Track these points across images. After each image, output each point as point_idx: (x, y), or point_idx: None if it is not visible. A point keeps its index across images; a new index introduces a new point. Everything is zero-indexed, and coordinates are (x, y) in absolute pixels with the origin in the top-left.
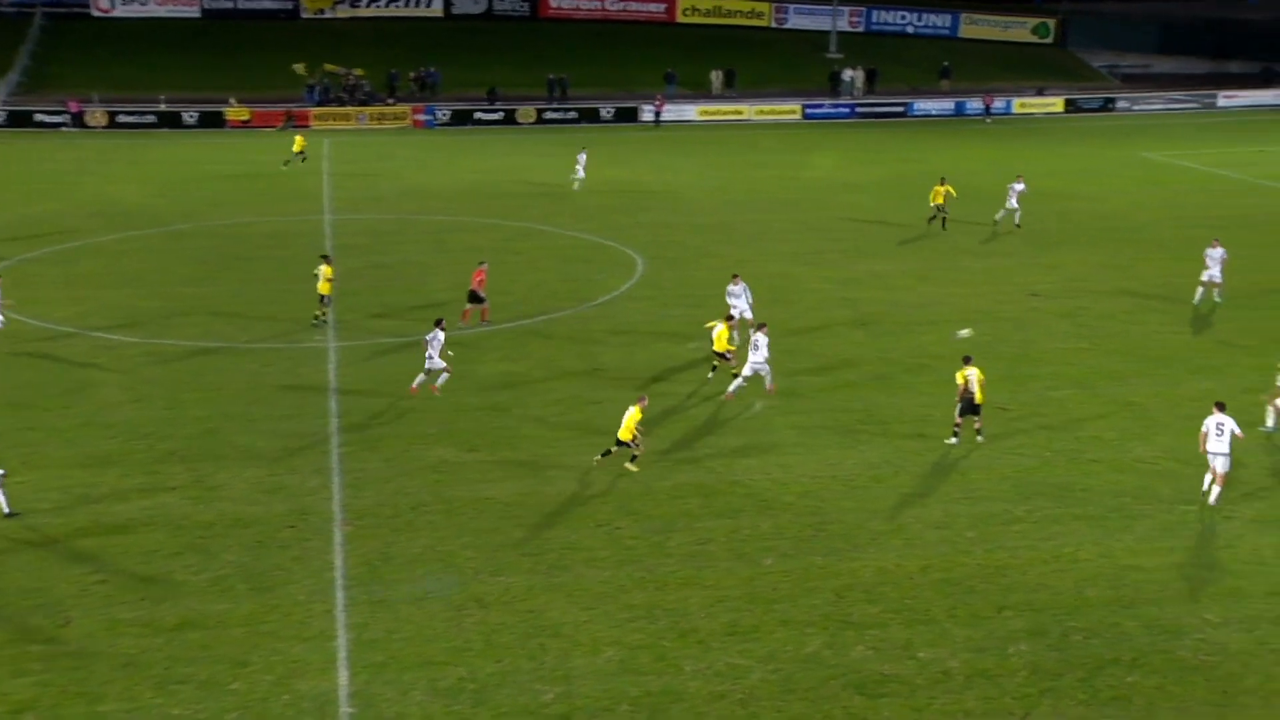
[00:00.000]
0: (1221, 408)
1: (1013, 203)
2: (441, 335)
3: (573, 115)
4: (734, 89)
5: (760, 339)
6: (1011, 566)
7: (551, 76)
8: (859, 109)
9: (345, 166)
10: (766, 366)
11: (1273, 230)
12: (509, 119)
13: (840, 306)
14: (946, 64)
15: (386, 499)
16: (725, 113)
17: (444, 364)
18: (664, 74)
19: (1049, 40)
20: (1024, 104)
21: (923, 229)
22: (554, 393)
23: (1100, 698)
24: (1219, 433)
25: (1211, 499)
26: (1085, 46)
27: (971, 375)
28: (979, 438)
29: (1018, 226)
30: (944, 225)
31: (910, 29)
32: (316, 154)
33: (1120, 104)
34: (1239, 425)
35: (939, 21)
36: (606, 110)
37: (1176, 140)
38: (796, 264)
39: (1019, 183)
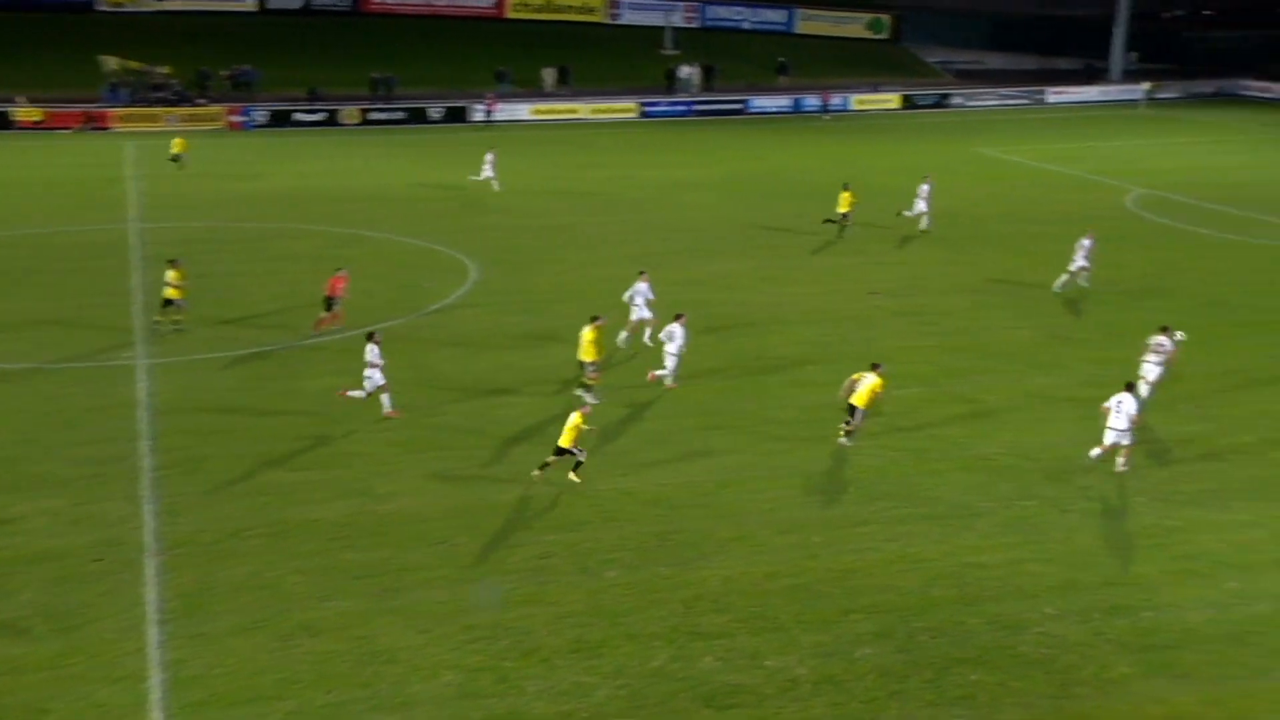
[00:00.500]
0: (1130, 388)
1: (922, 205)
2: (375, 349)
3: (400, 115)
4: (568, 87)
5: (677, 329)
6: (858, 569)
7: (376, 75)
8: (697, 107)
9: (153, 171)
10: (675, 360)
11: (1103, 224)
12: (331, 120)
13: (686, 309)
14: (783, 60)
15: (206, 525)
16: (560, 112)
17: (382, 380)
18: (495, 72)
19: (884, 36)
20: (861, 100)
21: (773, 228)
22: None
23: (947, 697)
24: (1117, 410)
25: (1121, 466)
26: (919, 42)
27: (867, 379)
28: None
29: (924, 230)
30: (842, 232)
31: (746, 25)
32: (117, 159)
33: (955, 100)
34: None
35: (775, 17)
36: (435, 110)
37: (1010, 136)
38: (640, 267)
39: (926, 183)
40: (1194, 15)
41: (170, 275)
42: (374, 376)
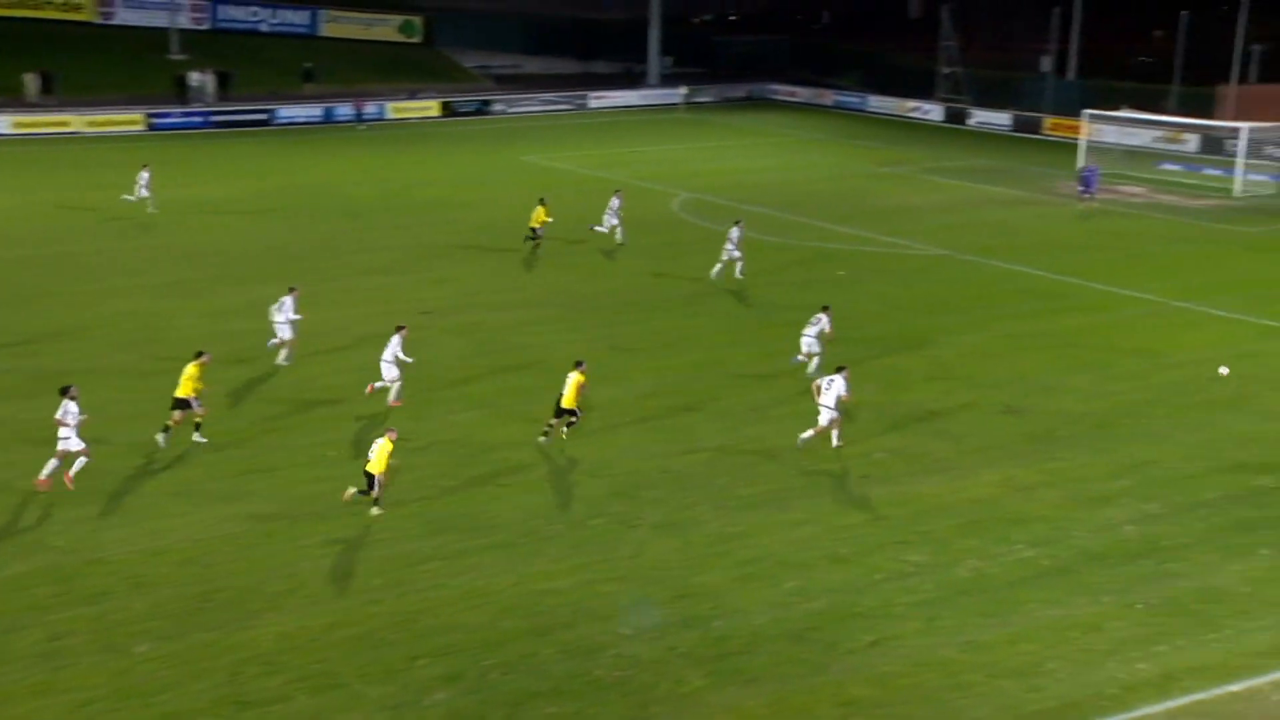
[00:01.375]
0: (840, 370)
1: (613, 219)
2: (72, 405)
3: None
4: (55, 95)
5: (395, 340)
6: (424, 610)
7: None
8: (214, 117)
9: None
10: (395, 370)
11: (653, 231)
12: None
13: (216, 342)
14: (309, 65)
15: None
16: (47, 124)
17: (80, 445)
18: None
19: (417, 39)
20: (399, 108)
21: (312, 247)
22: None
23: None
24: (827, 388)
25: (835, 443)
26: (455, 46)
27: (571, 377)
28: (563, 433)
29: (620, 242)
30: (536, 249)
31: (265, 27)
32: None
33: (497, 106)
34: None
35: (296, 19)
36: None
37: (554, 142)
38: (161, 298)
39: (616, 198)
40: (721, 20)
41: None
42: (69, 438)
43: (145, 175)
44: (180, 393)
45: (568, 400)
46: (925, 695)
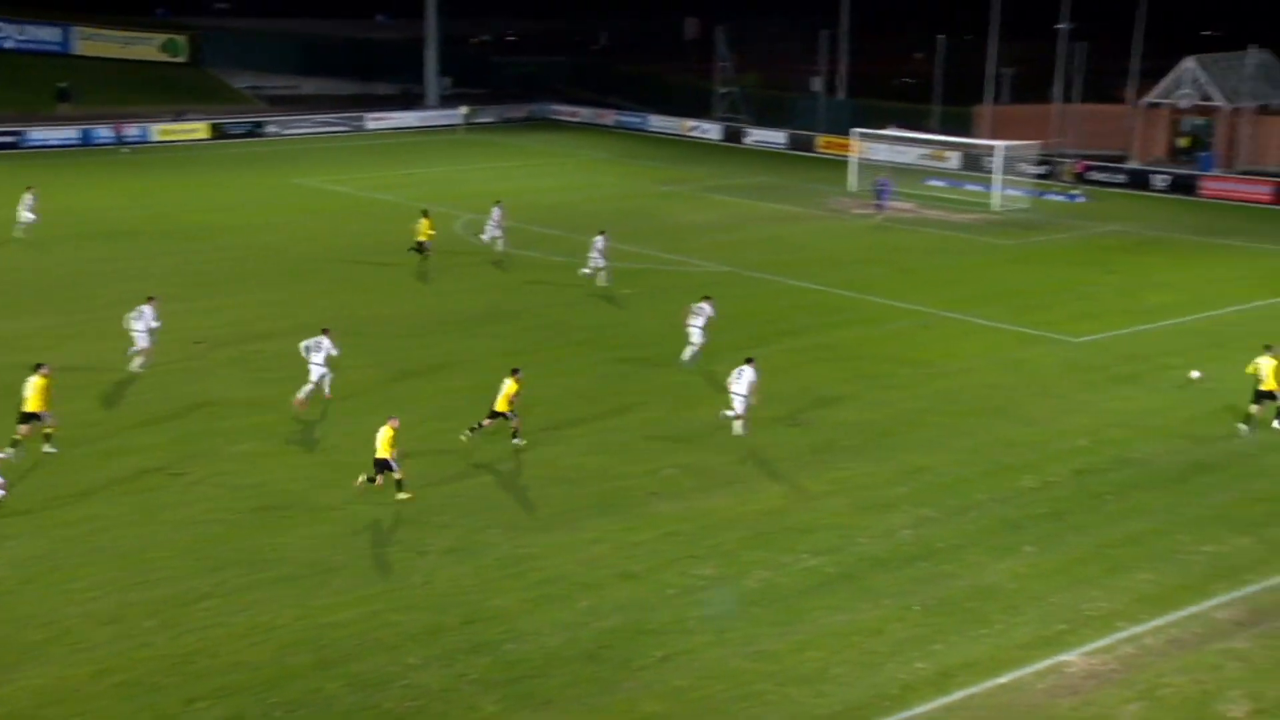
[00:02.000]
0: (750, 360)
1: (495, 230)
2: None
3: None
4: None
5: (325, 341)
6: (202, 650)
7: None
8: None
9: None
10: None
11: (437, 254)
12: None
13: None
14: (64, 85)
15: None
16: None
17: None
18: None
19: (182, 59)
20: (165, 130)
21: (73, 277)
22: None
23: None
24: (738, 379)
25: (736, 430)
26: (224, 66)
27: (505, 385)
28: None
29: (500, 251)
30: (424, 260)
31: (10, 43)
32: None
33: (270, 128)
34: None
35: (47, 36)
36: None
37: (332, 165)
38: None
39: (498, 209)
40: (499, 40)
41: None
42: None
43: (29, 198)
44: (29, 407)
45: (500, 404)
46: (716, 707)
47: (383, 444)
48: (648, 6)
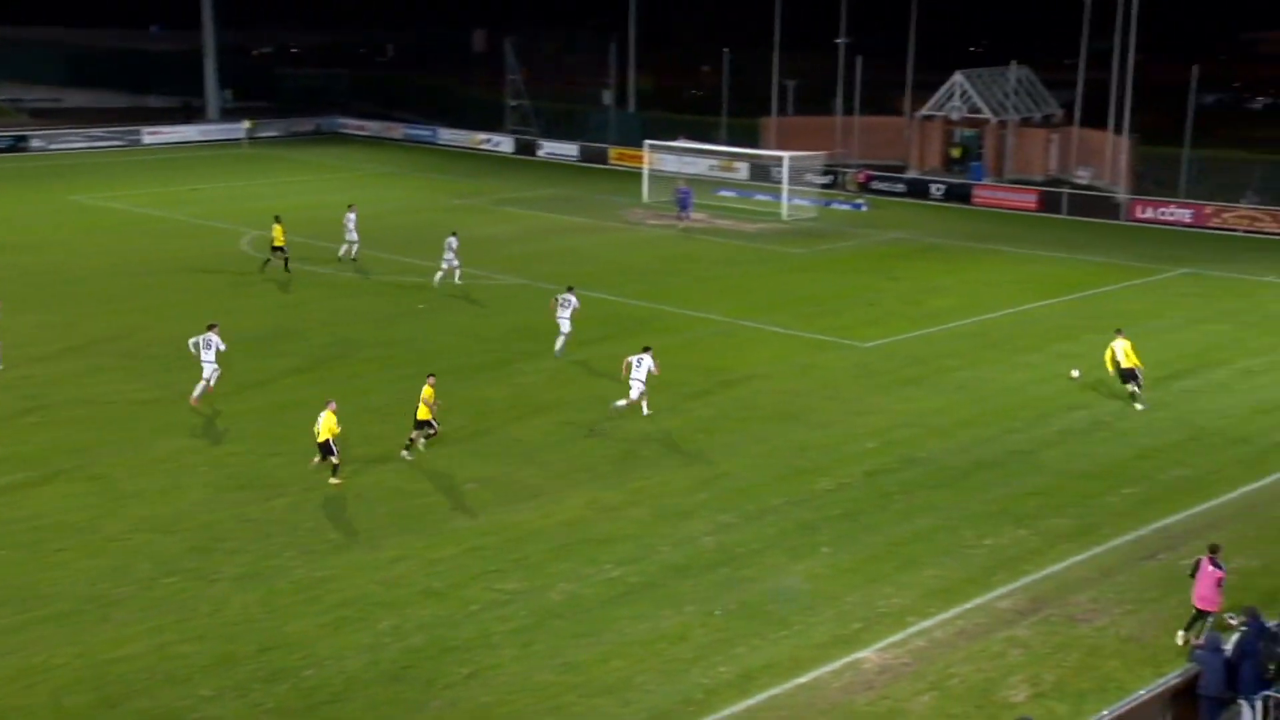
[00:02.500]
0: (646, 349)
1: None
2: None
3: None
4: None
5: (213, 338)
6: None
7: None
8: None
9: None
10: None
11: (222, 271)
12: None
13: None
14: None
15: None
16: None
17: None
18: None
19: None
20: None
21: None
22: None
23: None
24: (638, 365)
25: (645, 412)
26: None
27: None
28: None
29: (354, 260)
30: (286, 266)
31: None
32: None
33: (35, 143)
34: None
35: None
36: None
37: (106, 181)
38: None
39: (352, 212)
40: (283, 52)
41: None
42: None
43: None
44: None
45: (422, 413)
46: None
47: (323, 427)
48: (434, 18)
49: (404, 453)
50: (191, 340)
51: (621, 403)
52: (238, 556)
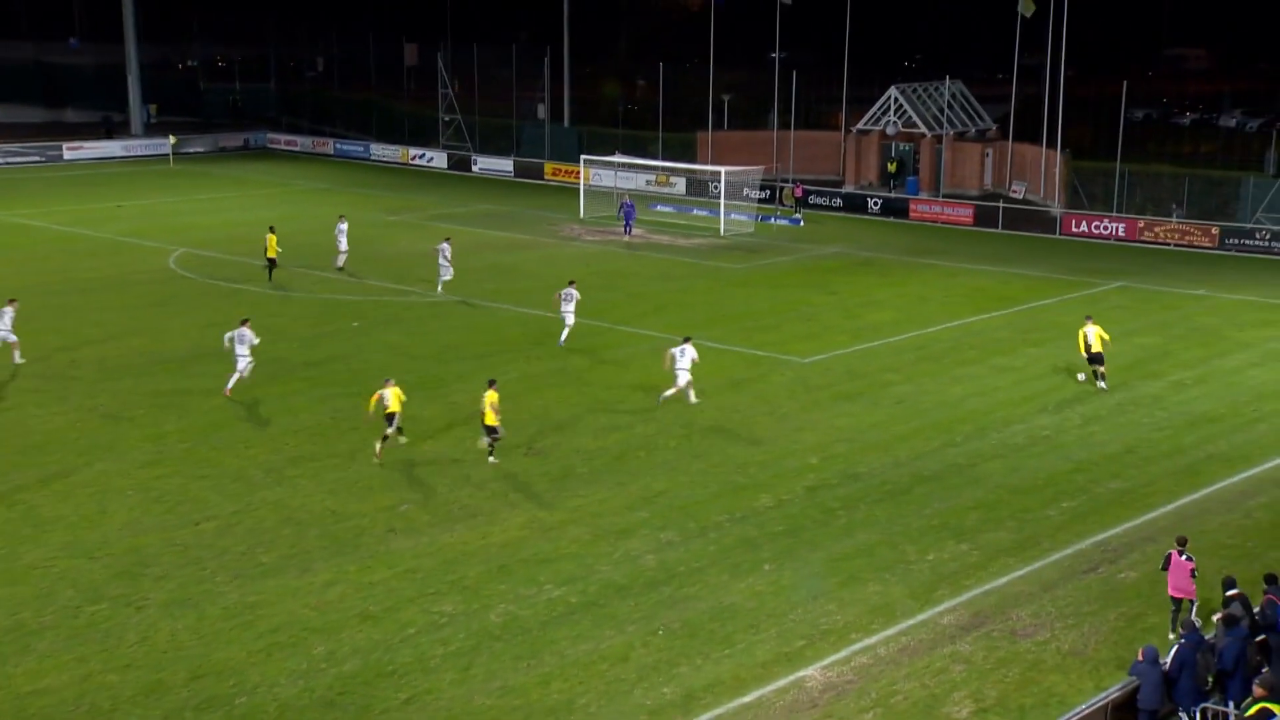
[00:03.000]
0: (687, 339)
1: (342, 244)
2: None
3: None
4: None
5: (246, 332)
6: None
7: None
8: None
9: None
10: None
11: (148, 288)
12: None
13: None
14: None
15: None
16: None
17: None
18: None
19: None
20: None
21: None
22: None
23: None
24: (681, 355)
25: (691, 400)
26: None
27: (484, 398)
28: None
29: (340, 269)
30: (270, 276)
31: None
32: None
33: None
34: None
35: None
36: None
37: (23, 198)
38: None
39: (342, 223)
40: (209, 66)
41: None
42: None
43: None
44: None
45: (489, 419)
46: None
47: (392, 401)
48: (364, 32)
49: (490, 458)
50: (226, 335)
51: (669, 392)
52: (166, 582)
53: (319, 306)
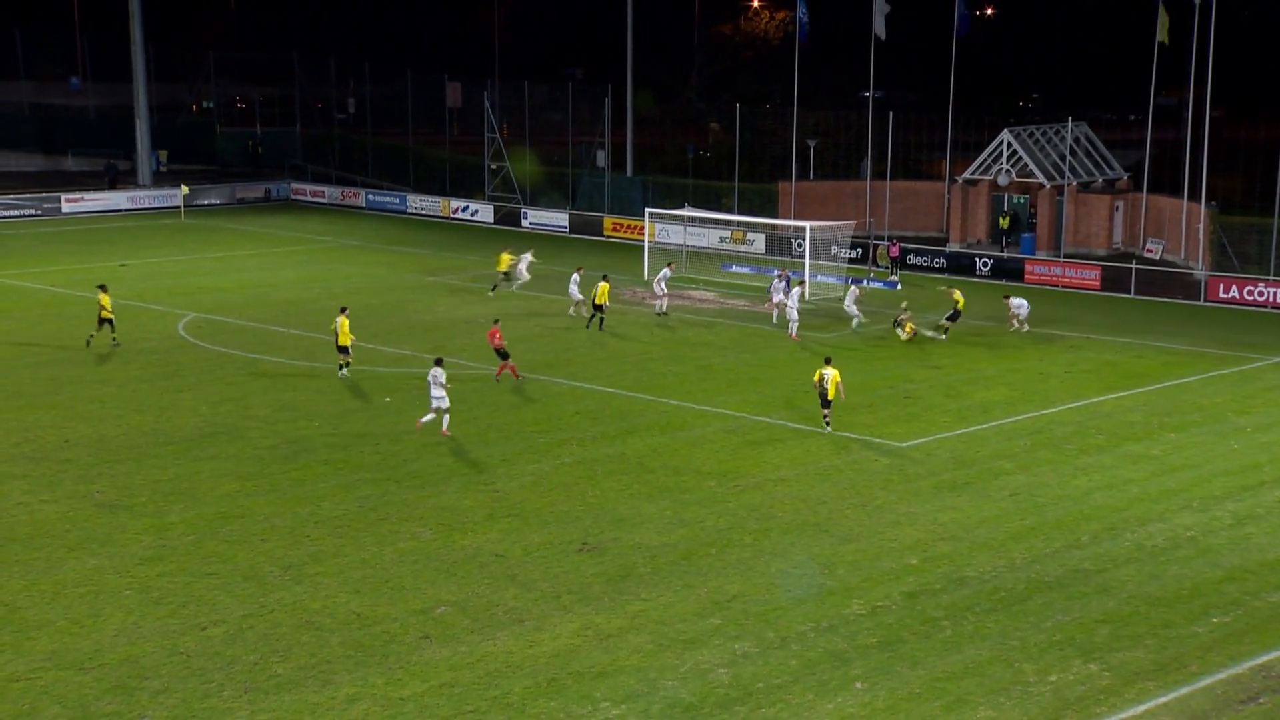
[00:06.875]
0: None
1: (575, 293)
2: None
3: None
4: None
5: (439, 373)
6: None
7: None
8: None
9: None
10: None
11: (156, 358)
12: None
13: None
14: None
15: None
16: None
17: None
18: None
19: None
20: None
21: None
22: None
23: None
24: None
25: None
26: None
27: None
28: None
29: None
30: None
31: None
32: None
33: None
34: None
35: None
36: None
37: (16, 256)
38: None
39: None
40: (227, 109)
41: None
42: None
43: None
44: None
45: (343, 339)
46: None
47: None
48: (400, 69)
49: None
50: (428, 374)
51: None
52: (165, 697)
53: (350, 380)
